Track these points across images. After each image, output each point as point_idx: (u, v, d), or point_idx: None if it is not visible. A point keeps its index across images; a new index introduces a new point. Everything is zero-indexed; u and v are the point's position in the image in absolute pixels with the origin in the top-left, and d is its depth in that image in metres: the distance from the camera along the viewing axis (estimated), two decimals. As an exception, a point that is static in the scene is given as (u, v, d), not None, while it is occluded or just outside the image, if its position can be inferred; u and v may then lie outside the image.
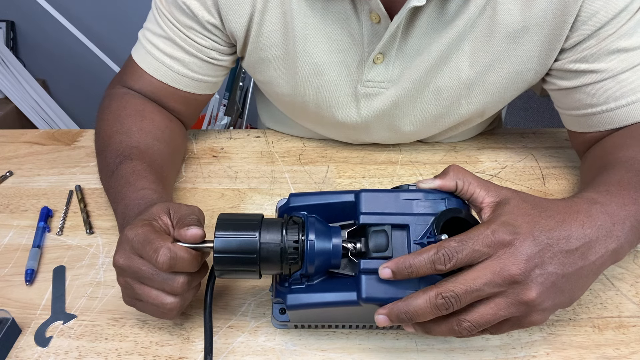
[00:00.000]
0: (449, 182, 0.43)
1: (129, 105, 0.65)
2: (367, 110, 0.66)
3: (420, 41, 0.58)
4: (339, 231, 0.44)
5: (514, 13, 0.54)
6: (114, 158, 0.59)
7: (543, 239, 0.39)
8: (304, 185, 0.69)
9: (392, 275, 0.39)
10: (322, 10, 0.57)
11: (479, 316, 0.39)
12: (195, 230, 0.44)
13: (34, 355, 0.49)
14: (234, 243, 0.42)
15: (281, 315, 0.48)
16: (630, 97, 0.55)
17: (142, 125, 0.63)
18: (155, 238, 0.43)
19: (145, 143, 0.61)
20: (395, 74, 0.62)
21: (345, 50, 0.60)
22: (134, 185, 0.54)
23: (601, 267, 0.42)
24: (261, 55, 0.63)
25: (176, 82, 0.66)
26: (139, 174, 0.56)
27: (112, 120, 0.64)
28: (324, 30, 0.59)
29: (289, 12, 0.57)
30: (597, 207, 0.43)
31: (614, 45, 0.53)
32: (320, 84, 0.64)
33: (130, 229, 0.44)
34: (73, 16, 1.75)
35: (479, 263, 0.38)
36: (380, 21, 0.56)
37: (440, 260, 0.38)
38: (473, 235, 0.38)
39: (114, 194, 0.56)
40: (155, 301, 0.44)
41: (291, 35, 0.59)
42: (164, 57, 0.64)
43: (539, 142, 0.77)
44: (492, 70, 0.59)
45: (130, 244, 0.44)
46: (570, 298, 0.41)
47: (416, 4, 0.52)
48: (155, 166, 0.59)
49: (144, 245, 0.43)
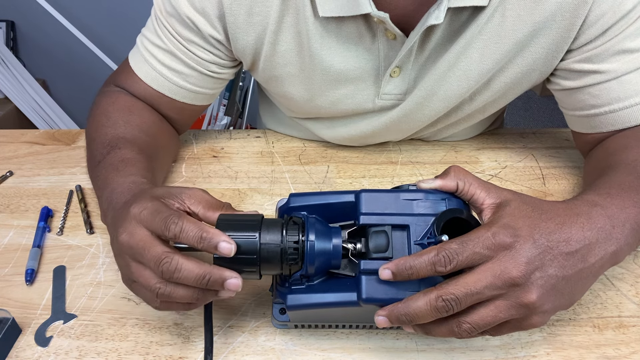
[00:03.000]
0: (450, 182, 0.43)
1: (118, 101, 0.65)
2: (380, 122, 0.67)
3: (434, 52, 0.59)
4: (339, 231, 0.44)
5: (524, 18, 0.54)
6: (101, 149, 0.58)
7: (543, 242, 0.39)
8: (304, 185, 0.69)
9: (392, 276, 0.39)
10: (337, 30, 0.57)
11: (479, 318, 0.39)
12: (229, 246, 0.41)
13: (34, 355, 0.49)
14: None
15: (281, 315, 0.48)
16: (633, 98, 0.55)
17: (129, 118, 0.62)
18: (165, 209, 0.41)
19: (132, 134, 0.60)
20: (410, 86, 0.62)
21: (362, 66, 0.60)
22: (123, 171, 0.53)
23: (601, 269, 0.42)
24: (275, 73, 0.63)
25: (173, 93, 0.65)
26: (128, 161, 0.54)
27: (100, 114, 0.63)
28: (340, 49, 0.59)
29: (305, 32, 0.57)
30: (597, 209, 0.43)
31: (620, 46, 0.53)
32: (337, 97, 0.64)
33: (135, 205, 0.43)
34: (73, 16, 1.75)
35: (480, 265, 0.38)
36: (395, 38, 0.56)
37: (440, 262, 0.38)
38: (474, 237, 0.38)
39: (101, 182, 0.54)
40: (149, 283, 0.42)
41: (307, 54, 0.59)
42: (162, 68, 0.63)
43: (539, 142, 0.77)
44: (499, 73, 0.59)
45: (137, 217, 0.42)
46: (570, 300, 0.41)
47: (434, 22, 0.52)
48: (144, 155, 0.58)
49: (153, 216, 0.41)
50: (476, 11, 0.54)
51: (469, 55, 0.57)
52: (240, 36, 0.59)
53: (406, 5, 0.54)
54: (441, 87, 0.60)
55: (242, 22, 0.58)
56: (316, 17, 0.56)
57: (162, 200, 0.44)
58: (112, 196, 0.50)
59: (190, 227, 0.40)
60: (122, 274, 0.46)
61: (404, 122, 0.67)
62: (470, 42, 0.56)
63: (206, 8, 0.57)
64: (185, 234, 0.40)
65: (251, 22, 0.58)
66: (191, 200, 0.45)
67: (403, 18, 0.55)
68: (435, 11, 0.52)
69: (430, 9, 0.52)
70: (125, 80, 0.66)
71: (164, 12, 0.60)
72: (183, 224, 0.40)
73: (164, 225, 0.40)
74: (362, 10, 0.53)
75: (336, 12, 0.54)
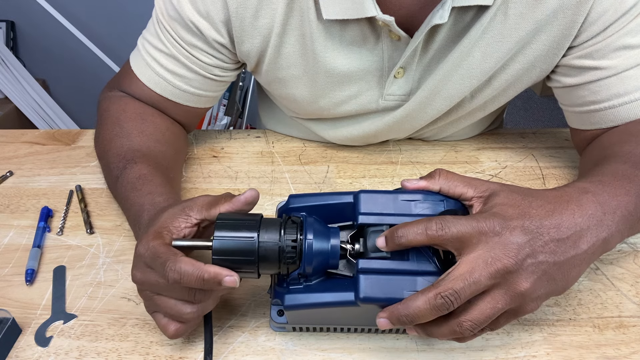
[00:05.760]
0: (433, 185, 0.44)
1: (128, 108, 0.65)
2: (383, 122, 0.67)
3: (438, 53, 0.58)
4: (337, 232, 0.44)
5: (526, 16, 0.54)
6: (117, 162, 0.58)
7: (533, 229, 0.39)
8: (304, 186, 0.69)
9: (386, 243, 0.41)
10: (340, 32, 0.57)
11: (478, 313, 0.39)
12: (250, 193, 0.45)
13: (34, 355, 0.49)
14: (232, 244, 0.42)
15: (279, 317, 0.48)
16: (633, 94, 0.55)
17: (142, 127, 0.63)
18: (163, 252, 0.42)
19: (147, 146, 0.61)
20: (414, 86, 0.62)
21: (366, 67, 0.60)
22: (140, 191, 0.54)
23: (592, 255, 0.42)
24: (278, 75, 0.63)
25: (176, 97, 0.65)
26: (145, 178, 0.55)
27: (112, 123, 0.63)
28: (343, 51, 0.58)
29: (309, 34, 0.57)
30: (588, 196, 0.43)
31: (620, 42, 0.54)
32: (341, 98, 0.64)
33: (141, 243, 0.44)
34: (73, 16, 1.75)
35: (470, 254, 0.38)
36: (400, 39, 0.56)
37: (432, 227, 0.39)
38: (461, 222, 0.39)
39: (122, 201, 0.56)
40: (173, 310, 0.44)
41: (311, 56, 0.59)
42: (164, 72, 0.63)
43: (539, 142, 0.77)
44: (500, 71, 0.59)
45: (143, 259, 0.43)
46: (563, 286, 0.41)
47: (438, 22, 0.52)
48: (160, 168, 0.58)
49: (153, 260, 0.42)
50: (480, 11, 0.54)
51: (472, 54, 0.57)
52: (246, 39, 0.59)
53: (410, 6, 0.54)
54: (444, 87, 0.60)
55: (248, 25, 0.57)
56: (320, 19, 0.55)
57: (165, 233, 0.44)
58: (137, 219, 0.52)
59: (188, 271, 0.41)
60: (145, 305, 0.47)
61: (407, 121, 0.67)
62: (474, 42, 0.56)
63: (211, 12, 0.57)
64: (187, 279, 0.41)
65: (257, 26, 0.58)
66: (193, 211, 0.46)
67: (407, 19, 0.55)
68: (440, 10, 0.52)
69: (435, 9, 0.52)
70: (129, 84, 0.66)
71: (167, 15, 0.59)
72: (181, 269, 0.41)
73: (163, 273, 0.41)
74: (367, 14, 0.52)
75: (340, 15, 0.54)
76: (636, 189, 0.45)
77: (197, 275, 0.41)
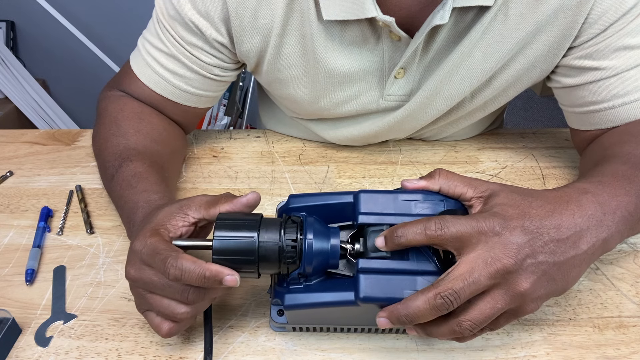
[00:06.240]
0: (433, 185, 0.44)
1: (126, 107, 0.65)
2: (383, 122, 0.67)
3: (439, 53, 0.58)
4: (337, 232, 0.44)
5: (526, 17, 0.54)
6: (112, 161, 0.58)
7: (533, 229, 0.39)
8: (304, 186, 0.69)
9: (385, 243, 0.41)
10: (341, 33, 0.57)
11: (478, 313, 0.39)
12: (251, 195, 0.46)
13: (34, 355, 0.49)
14: (233, 244, 0.42)
15: (279, 317, 0.48)
16: (633, 94, 0.55)
17: (139, 127, 0.63)
18: (164, 249, 0.42)
19: (143, 145, 0.61)
20: (414, 87, 0.62)
21: (366, 68, 0.60)
22: (135, 188, 0.54)
23: (592, 256, 0.42)
24: (279, 75, 0.63)
25: (176, 97, 0.65)
26: (140, 176, 0.55)
27: (109, 122, 0.63)
28: (344, 51, 0.58)
29: (309, 35, 0.57)
30: (588, 196, 0.43)
31: (620, 43, 0.54)
32: (341, 99, 0.64)
33: (138, 240, 0.44)
34: (73, 16, 1.75)
35: (470, 254, 0.38)
36: (400, 39, 0.56)
37: (431, 227, 0.39)
38: (461, 222, 0.39)
39: (117, 198, 0.56)
40: (166, 310, 0.43)
41: (311, 57, 0.59)
42: (164, 72, 0.63)
43: (539, 142, 0.77)
44: (500, 71, 0.59)
45: (139, 255, 0.43)
46: (563, 287, 0.41)
47: (439, 22, 0.52)
48: (156, 167, 0.58)
49: (152, 257, 0.42)
50: (481, 11, 0.54)
51: (472, 55, 0.57)
52: (246, 39, 0.59)
53: (410, 7, 0.54)
54: (445, 87, 0.60)
55: (248, 25, 0.57)
56: (320, 20, 0.55)
57: (163, 231, 0.44)
58: (130, 216, 0.51)
59: (189, 268, 0.41)
60: (136, 302, 0.46)
61: (407, 122, 0.67)
62: (474, 43, 0.56)
63: (210, 12, 0.57)
64: (188, 275, 0.41)
65: (256, 25, 0.58)
66: (191, 210, 0.46)
67: (407, 19, 0.55)
68: (440, 11, 0.52)
69: (435, 9, 0.52)
70: (128, 84, 0.66)
71: (167, 15, 0.59)
72: (182, 266, 0.40)
73: (164, 268, 0.41)
74: (368, 15, 0.52)
75: (341, 16, 0.54)
76: (636, 190, 0.45)
77: (198, 272, 0.40)
